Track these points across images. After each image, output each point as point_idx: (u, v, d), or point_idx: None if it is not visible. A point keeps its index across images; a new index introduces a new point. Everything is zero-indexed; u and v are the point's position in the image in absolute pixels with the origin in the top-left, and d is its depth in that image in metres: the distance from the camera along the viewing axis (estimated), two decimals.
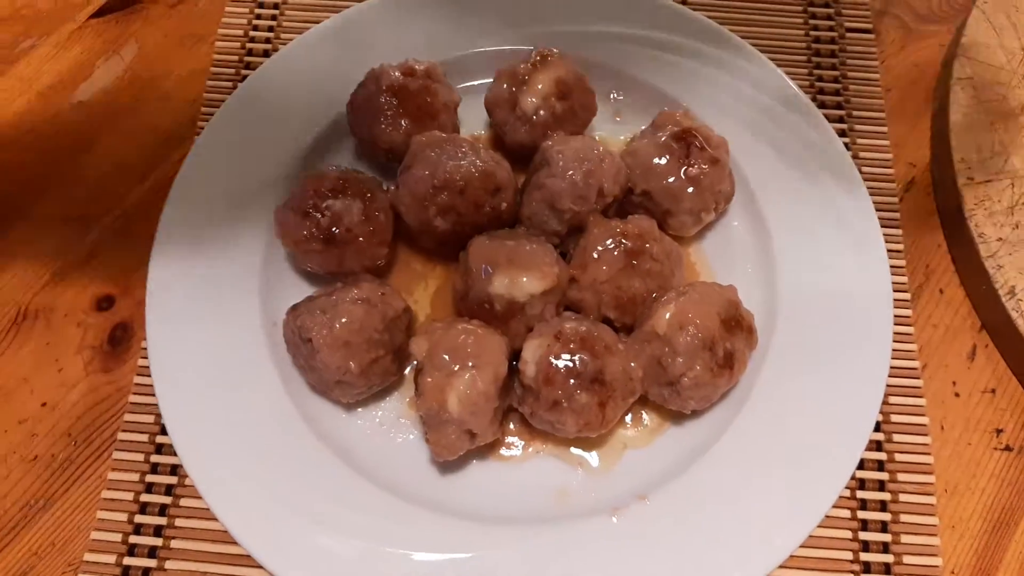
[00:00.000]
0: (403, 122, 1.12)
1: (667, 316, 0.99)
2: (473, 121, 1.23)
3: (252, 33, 1.37)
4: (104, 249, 1.21)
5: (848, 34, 1.40)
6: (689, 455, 1.03)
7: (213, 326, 1.06)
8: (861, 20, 1.41)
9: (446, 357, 0.95)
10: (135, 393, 1.10)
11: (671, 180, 1.09)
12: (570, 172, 1.04)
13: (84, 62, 1.36)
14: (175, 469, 1.04)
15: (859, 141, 1.28)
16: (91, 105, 1.32)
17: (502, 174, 1.07)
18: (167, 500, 1.02)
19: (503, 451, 1.05)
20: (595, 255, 1.04)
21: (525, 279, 1.01)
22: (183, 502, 1.02)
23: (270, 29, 1.37)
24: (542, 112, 1.13)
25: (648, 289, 1.04)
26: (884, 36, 1.41)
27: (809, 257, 1.13)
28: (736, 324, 1.01)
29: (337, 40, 1.25)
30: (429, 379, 0.95)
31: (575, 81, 1.15)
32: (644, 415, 1.07)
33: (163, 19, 1.41)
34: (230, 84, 1.32)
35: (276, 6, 1.40)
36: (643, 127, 1.21)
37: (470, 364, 0.95)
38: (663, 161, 1.10)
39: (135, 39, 1.39)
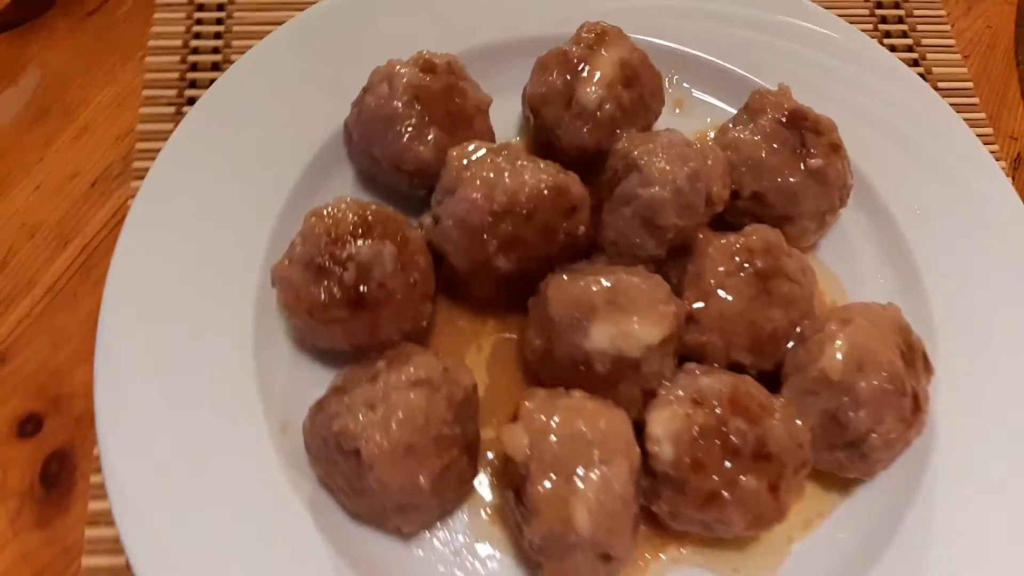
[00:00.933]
0: (431, 133, 0.84)
1: (839, 356, 0.73)
2: (501, 127, 0.94)
3: (194, 43, 1.07)
4: (20, 349, 0.87)
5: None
6: (875, 536, 0.78)
7: (195, 443, 0.75)
8: None
9: (560, 453, 0.68)
10: (89, 554, 0.77)
11: (790, 177, 0.84)
12: (671, 177, 0.78)
13: None
14: None
15: None
16: None
17: (576, 188, 0.81)
18: None
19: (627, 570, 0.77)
20: (716, 283, 0.79)
21: (637, 326, 0.74)
22: None
23: (217, 36, 1.07)
24: (608, 106, 0.87)
25: (790, 321, 0.80)
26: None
27: (955, 255, 0.90)
28: (912, 354, 0.77)
29: (317, 38, 0.96)
30: (541, 488, 0.66)
31: (641, 63, 0.90)
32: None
33: (72, 35, 1.10)
34: (172, 109, 1.02)
35: (221, 7, 1.09)
36: (709, 119, 0.97)
37: (596, 458, 0.68)
38: (774, 155, 0.85)
39: (36, 63, 1.07)
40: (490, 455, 0.80)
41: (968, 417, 0.82)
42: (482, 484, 0.79)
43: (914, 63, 1.14)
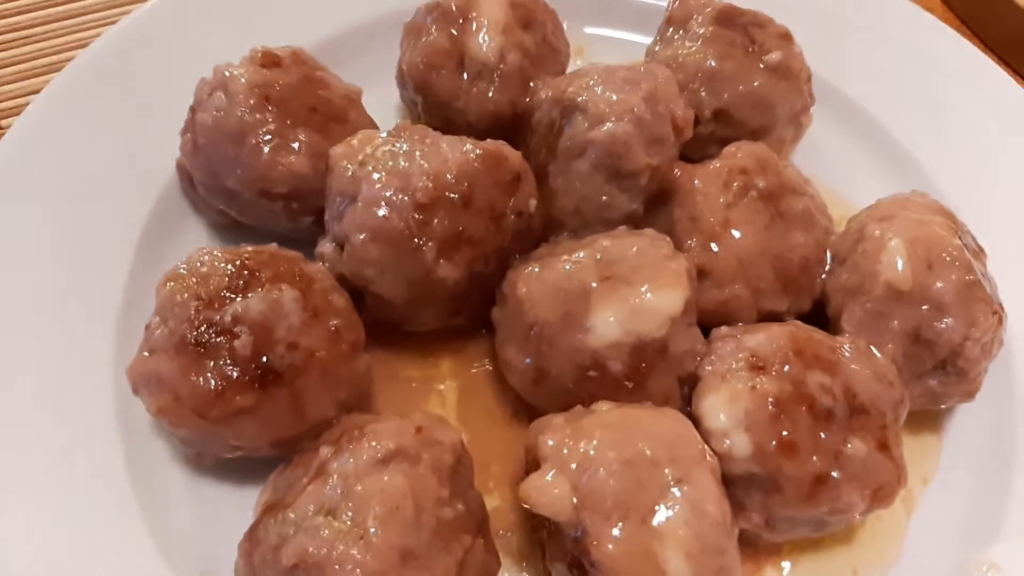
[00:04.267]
0: (299, 137, 0.64)
1: (901, 260, 0.59)
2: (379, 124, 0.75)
3: None
4: None
5: None
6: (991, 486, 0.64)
7: None
8: None
9: (618, 489, 0.49)
10: None
11: (753, 82, 0.71)
12: (627, 107, 0.62)
13: None
14: None
15: None
16: None
17: (512, 153, 0.63)
18: None
19: None
20: (718, 220, 0.63)
21: (649, 295, 0.57)
22: None
23: None
24: (510, 55, 0.71)
25: (816, 241, 0.65)
26: None
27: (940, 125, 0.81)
28: (964, 235, 0.64)
29: (115, 69, 0.75)
30: (610, 544, 0.47)
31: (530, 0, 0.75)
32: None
33: None
34: None
35: None
36: (622, 57, 0.82)
37: (669, 479, 0.49)
38: (726, 60, 0.72)
39: None
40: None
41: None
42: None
43: None
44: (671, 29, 0.76)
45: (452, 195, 0.59)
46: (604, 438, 0.51)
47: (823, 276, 0.66)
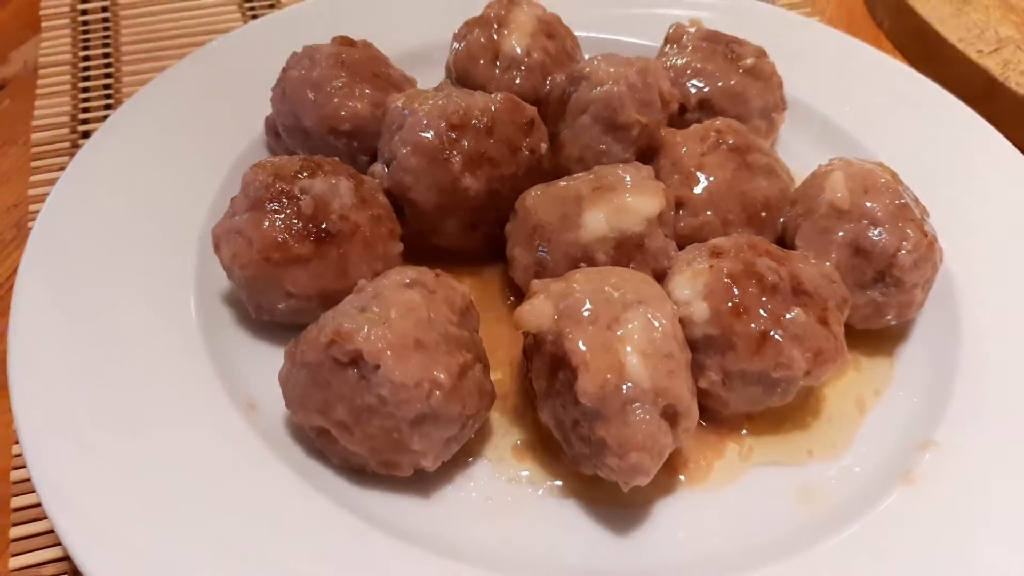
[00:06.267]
0: (364, 90, 0.83)
1: (842, 184, 0.73)
2: None
3: (82, 116, 1.05)
4: None
5: None
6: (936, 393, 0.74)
7: (157, 435, 0.63)
8: None
9: (592, 305, 0.61)
10: None
11: (731, 80, 0.88)
12: (622, 76, 0.80)
13: None
14: None
15: None
16: None
17: (528, 106, 0.80)
18: None
19: (690, 475, 0.68)
20: (695, 164, 0.79)
21: (631, 198, 0.72)
22: None
23: (107, 108, 1.06)
24: (535, 54, 0.90)
25: (779, 189, 0.80)
26: None
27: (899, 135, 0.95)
28: (906, 188, 0.78)
29: (218, 68, 0.97)
30: (582, 341, 0.59)
31: (556, 21, 0.95)
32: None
33: None
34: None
35: (108, 86, 1.09)
36: None
37: (633, 300, 0.62)
38: (709, 62, 0.90)
39: None
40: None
41: (976, 263, 0.81)
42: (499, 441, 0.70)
43: None
44: (667, 46, 0.95)
45: (477, 123, 0.76)
46: (583, 278, 0.64)
47: (782, 220, 0.79)
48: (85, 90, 1.09)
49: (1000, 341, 0.75)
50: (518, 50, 0.90)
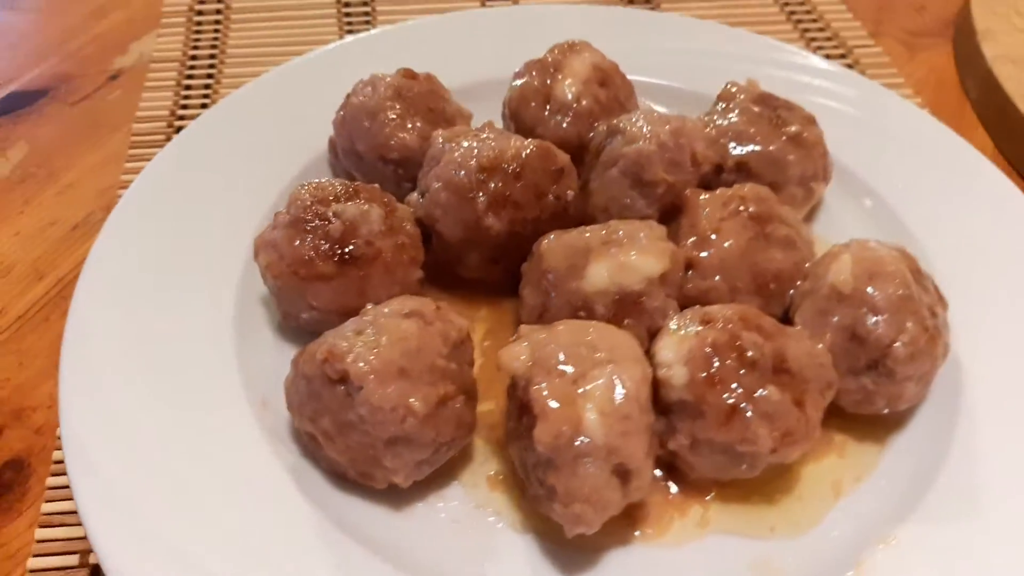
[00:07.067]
0: (415, 123, 0.90)
1: (847, 269, 0.74)
2: None
3: (180, 112, 1.17)
4: None
5: (856, 49, 1.34)
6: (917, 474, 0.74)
7: (172, 419, 0.72)
8: (861, 38, 1.36)
9: (565, 358, 0.66)
10: (38, 555, 0.71)
11: (771, 145, 0.90)
12: (655, 134, 0.83)
13: None
14: None
15: None
16: None
17: (561, 153, 0.85)
18: None
19: (647, 530, 0.72)
20: (712, 227, 0.81)
21: (635, 257, 0.75)
22: None
23: (203, 106, 1.17)
24: (584, 101, 0.94)
25: (793, 263, 0.81)
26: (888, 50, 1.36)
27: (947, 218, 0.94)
28: (921, 278, 0.78)
29: (303, 81, 1.06)
30: (545, 390, 0.64)
31: (613, 69, 0.99)
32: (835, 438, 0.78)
33: (61, 116, 1.19)
34: None
35: (207, 86, 1.20)
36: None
37: (603, 359, 0.66)
38: (753, 125, 0.91)
39: (25, 139, 1.15)
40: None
41: (992, 360, 0.80)
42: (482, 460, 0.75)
43: None
44: (719, 104, 0.97)
45: (507, 167, 0.81)
46: (565, 330, 0.69)
47: (792, 292, 0.81)
48: (188, 87, 1.21)
49: (992, 448, 0.74)
50: (568, 96, 0.95)
